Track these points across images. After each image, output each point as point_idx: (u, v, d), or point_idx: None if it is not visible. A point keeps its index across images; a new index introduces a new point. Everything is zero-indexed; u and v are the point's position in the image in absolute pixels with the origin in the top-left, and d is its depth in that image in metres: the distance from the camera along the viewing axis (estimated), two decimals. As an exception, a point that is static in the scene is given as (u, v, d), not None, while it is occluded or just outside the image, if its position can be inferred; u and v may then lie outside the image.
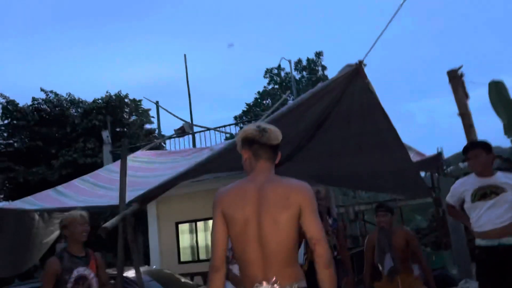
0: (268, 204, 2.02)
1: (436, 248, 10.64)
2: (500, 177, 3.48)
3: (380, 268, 4.22)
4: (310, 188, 2.08)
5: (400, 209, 15.18)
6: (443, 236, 9.22)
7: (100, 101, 16.71)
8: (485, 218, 3.42)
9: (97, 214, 10.95)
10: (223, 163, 4.21)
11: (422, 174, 10.35)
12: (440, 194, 8.65)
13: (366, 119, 3.22)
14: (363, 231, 13.80)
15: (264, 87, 27.94)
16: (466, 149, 3.64)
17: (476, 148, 3.57)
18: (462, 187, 3.67)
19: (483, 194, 3.47)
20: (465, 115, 3.31)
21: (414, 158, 6.59)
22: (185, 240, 10.56)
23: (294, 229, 2.01)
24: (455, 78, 3.23)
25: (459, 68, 3.18)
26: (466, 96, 3.31)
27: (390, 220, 4.27)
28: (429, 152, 7.28)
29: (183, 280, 6.55)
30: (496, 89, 11.27)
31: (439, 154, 7.53)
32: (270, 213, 2.00)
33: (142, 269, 6.50)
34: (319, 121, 3.33)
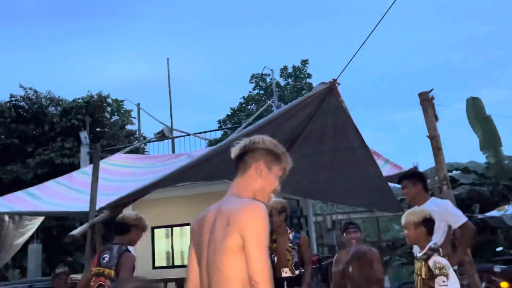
0: (212, 234, 1.62)
1: (410, 260, 10.77)
2: (430, 205, 3.46)
3: None
4: (259, 209, 1.55)
5: (377, 220, 15.37)
6: (417, 248, 9.33)
7: (80, 100, 16.45)
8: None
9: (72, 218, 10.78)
10: (199, 172, 4.19)
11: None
12: (415, 207, 8.76)
13: (339, 136, 3.26)
14: (340, 241, 13.90)
15: (249, 92, 27.94)
16: (398, 180, 3.71)
17: (403, 180, 3.62)
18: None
19: None
20: (434, 137, 3.38)
21: (391, 171, 6.68)
22: (160, 245, 10.47)
23: (236, 270, 1.52)
24: (426, 101, 3.30)
25: (430, 91, 3.26)
26: (436, 118, 3.37)
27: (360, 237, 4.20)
28: (409, 163, 7.40)
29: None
30: (473, 105, 11.57)
31: (415, 168, 7.68)
32: (212, 245, 1.61)
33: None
34: (293, 137, 3.36)
